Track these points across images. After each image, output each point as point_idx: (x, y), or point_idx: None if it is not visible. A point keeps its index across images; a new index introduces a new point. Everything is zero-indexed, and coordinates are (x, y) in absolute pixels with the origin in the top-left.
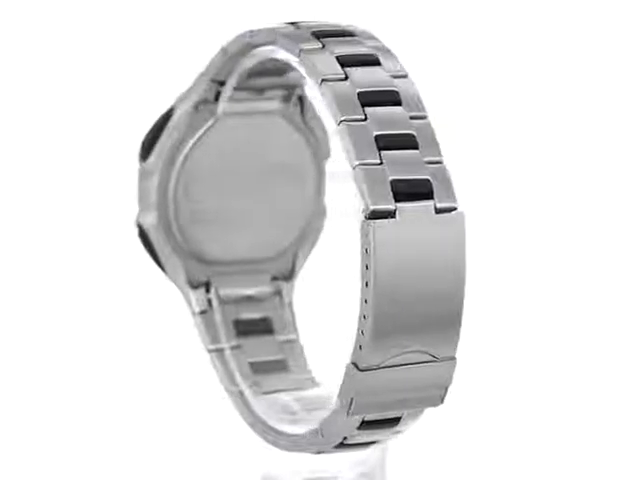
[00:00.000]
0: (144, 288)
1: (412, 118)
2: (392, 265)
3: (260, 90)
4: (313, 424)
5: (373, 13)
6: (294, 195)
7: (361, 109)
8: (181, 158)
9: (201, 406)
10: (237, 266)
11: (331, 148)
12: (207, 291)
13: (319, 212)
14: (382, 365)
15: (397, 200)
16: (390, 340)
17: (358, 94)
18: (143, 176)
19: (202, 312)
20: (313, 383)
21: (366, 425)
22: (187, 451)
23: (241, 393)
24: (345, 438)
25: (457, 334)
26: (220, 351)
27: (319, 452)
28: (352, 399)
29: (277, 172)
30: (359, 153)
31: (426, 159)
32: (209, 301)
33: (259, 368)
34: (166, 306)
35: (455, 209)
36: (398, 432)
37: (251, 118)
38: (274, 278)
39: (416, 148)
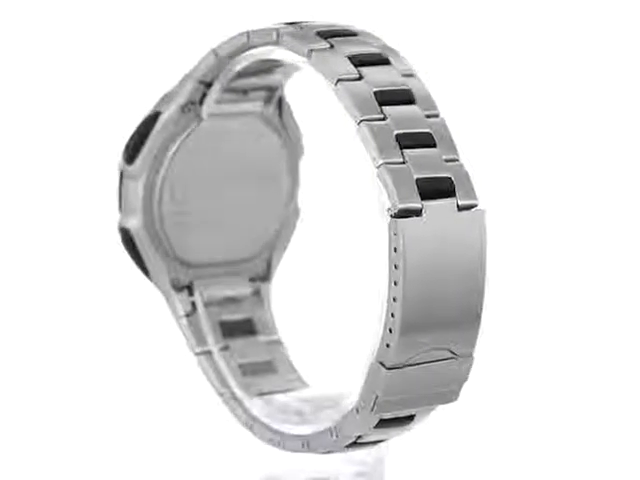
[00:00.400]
0: (125, 292)
1: (427, 117)
2: (420, 264)
3: (244, 92)
4: (323, 424)
5: (357, 13)
6: (271, 196)
7: (379, 108)
8: (167, 160)
9: (202, 407)
10: (217, 268)
11: (304, 148)
12: (190, 294)
13: (293, 213)
14: (407, 363)
15: (422, 198)
16: (417, 338)
17: (375, 93)
18: (128, 179)
19: (187, 315)
20: (302, 383)
21: (382, 423)
22: (189, 452)
23: (233, 395)
24: (359, 437)
25: (477, 331)
26: (208, 353)
27: (328, 452)
28: (377, 397)
29: (256, 173)
30: (383, 152)
31: (444, 157)
32: (193, 304)
33: (248, 369)
34: (151, 308)
35: (476, 206)
36: (406, 430)
37: (234, 119)
38: (252, 279)
39: (435, 146)
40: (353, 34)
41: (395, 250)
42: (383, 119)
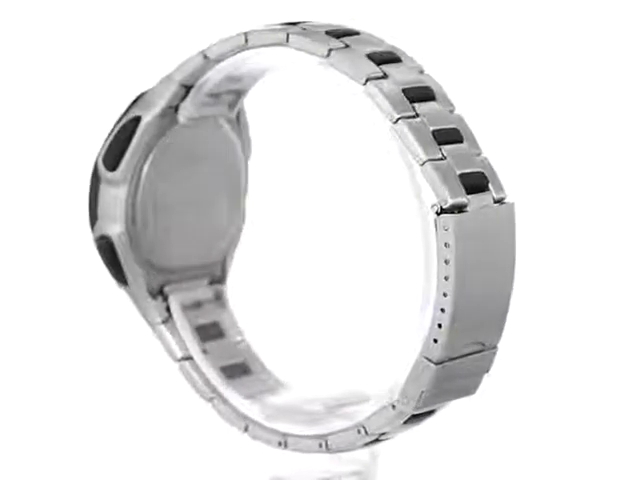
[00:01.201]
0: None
1: (448, 112)
2: (469, 258)
3: (217, 95)
4: (343, 422)
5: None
6: (231, 197)
7: (410, 106)
8: (147, 165)
9: (206, 410)
10: (184, 272)
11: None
12: (164, 299)
13: (243, 214)
14: (452, 357)
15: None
16: (463, 332)
17: (403, 91)
18: (109, 186)
19: (164, 321)
20: (279, 384)
21: (411, 419)
22: (197, 454)
23: (223, 398)
24: (382, 434)
25: (505, 323)
26: (190, 359)
27: (344, 450)
28: (422, 393)
29: (222, 175)
30: (426, 149)
31: (472, 151)
32: (168, 309)
33: (231, 372)
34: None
35: (505, 199)
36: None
37: (205, 123)
38: (211, 282)
39: (462, 142)
40: (357, 33)
41: (446, 245)
42: (416, 116)
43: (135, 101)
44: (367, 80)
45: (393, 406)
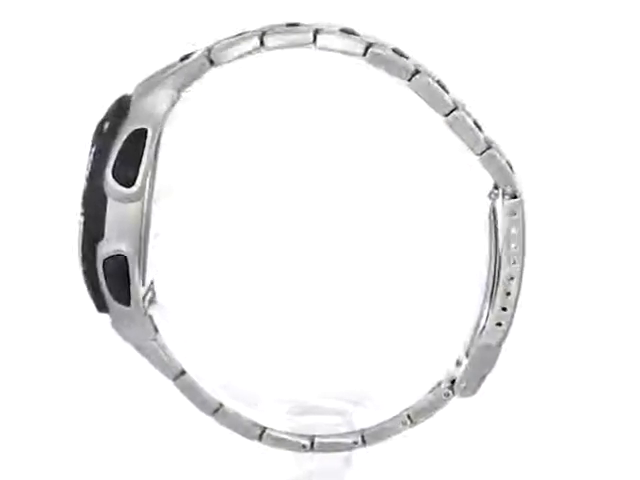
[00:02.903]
0: None
1: None
2: (527, 241)
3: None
4: (378, 415)
5: None
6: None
7: (450, 97)
8: (154, 179)
9: None
10: (151, 285)
11: None
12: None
13: None
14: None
15: None
16: (514, 313)
17: (437, 83)
18: (123, 202)
19: (154, 338)
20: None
21: (448, 401)
22: (216, 455)
23: (227, 407)
24: (415, 423)
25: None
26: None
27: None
28: (483, 376)
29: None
30: (483, 138)
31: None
32: (152, 324)
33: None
34: None
35: None
36: None
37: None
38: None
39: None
40: (358, 32)
41: (514, 230)
42: (458, 108)
43: (123, 109)
44: (412, 75)
45: (447, 394)
